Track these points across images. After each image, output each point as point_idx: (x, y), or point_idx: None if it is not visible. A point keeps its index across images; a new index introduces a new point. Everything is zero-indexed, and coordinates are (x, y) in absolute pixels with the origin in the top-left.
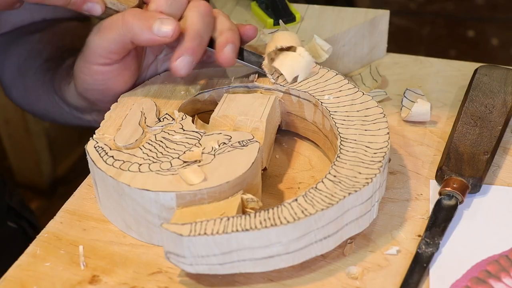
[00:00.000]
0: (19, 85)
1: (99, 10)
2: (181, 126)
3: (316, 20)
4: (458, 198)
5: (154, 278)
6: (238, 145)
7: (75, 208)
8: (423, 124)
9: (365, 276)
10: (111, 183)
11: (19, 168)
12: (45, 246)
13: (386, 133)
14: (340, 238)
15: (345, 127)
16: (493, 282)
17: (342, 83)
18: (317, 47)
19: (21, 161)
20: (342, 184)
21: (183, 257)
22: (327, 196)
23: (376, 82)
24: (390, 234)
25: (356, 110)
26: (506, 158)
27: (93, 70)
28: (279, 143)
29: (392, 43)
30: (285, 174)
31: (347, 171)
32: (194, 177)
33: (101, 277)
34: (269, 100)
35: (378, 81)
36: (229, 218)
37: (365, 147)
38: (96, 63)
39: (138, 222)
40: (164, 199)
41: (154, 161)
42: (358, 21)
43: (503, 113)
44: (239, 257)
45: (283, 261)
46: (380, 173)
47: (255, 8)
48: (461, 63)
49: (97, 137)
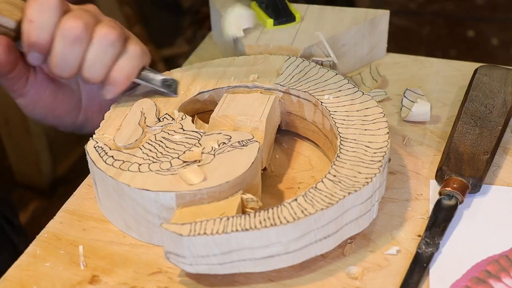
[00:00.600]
0: None
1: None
2: (181, 126)
3: (316, 20)
4: (458, 198)
5: (154, 278)
6: (238, 145)
7: (75, 208)
8: (423, 124)
9: (365, 276)
10: (111, 183)
11: (19, 168)
12: (45, 246)
13: (386, 133)
14: (340, 238)
15: (345, 127)
16: (493, 282)
17: (342, 83)
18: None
19: (21, 161)
20: (342, 184)
21: (183, 257)
22: (327, 196)
23: (376, 82)
24: (390, 234)
25: (356, 110)
26: (506, 158)
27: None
28: (279, 143)
29: (392, 43)
30: (285, 174)
31: (347, 171)
32: (194, 177)
33: (101, 277)
34: (269, 100)
35: (378, 81)
36: (229, 218)
37: (365, 146)
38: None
39: (138, 222)
40: (164, 199)
41: (154, 161)
42: (358, 21)
43: (503, 113)
44: (239, 257)
45: (283, 261)
46: (380, 173)
47: (255, 8)
48: (461, 63)
49: (97, 137)
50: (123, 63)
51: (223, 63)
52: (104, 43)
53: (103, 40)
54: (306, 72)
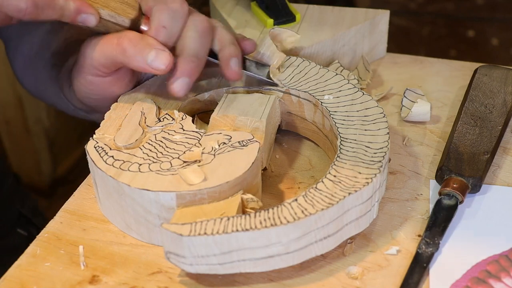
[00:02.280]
0: (30, 75)
1: (93, 21)
2: (181, 126)
3: (316, 20)
4: (458, 198)
5: (154, 278)
6: (238, 145)
7: (75, 208)
8: (423, 124)
9: (365, 276)
10: (111, 183)
11: (19, 168)
12: (45, 246)
13: (386, 133)
14: (340, 238)
15: (345, 127)
16: (493, 282)
17: (342, 83)
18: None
19: (21, 161)
20: (342, 184)
21: (183, 257)
22: (327, 196)
23: (368, 73)
24: (390, 234)
25: (356, 110)
26: (506, 158)
27: (87, 80)
28: (279, 143)
29: (392, 43)
30: (285, 174)
31: (347, 171)
32: (194, 177)
33: (101, 277)
34: (269, 100)
35: (370, 71)
36: (229, 218)
37: (365, 147)
38: (89, 73)
39: (138, 222)
40: (164, 199)
41: (154, 161)
42: (358, 21)
43: (503, 113)
44: (239, 257)
45: (283, 261)
46: (380, 173)
47: (255, 8)
48: (461, 63)
49: (97, 137)
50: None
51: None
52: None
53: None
54: (306, 72)
